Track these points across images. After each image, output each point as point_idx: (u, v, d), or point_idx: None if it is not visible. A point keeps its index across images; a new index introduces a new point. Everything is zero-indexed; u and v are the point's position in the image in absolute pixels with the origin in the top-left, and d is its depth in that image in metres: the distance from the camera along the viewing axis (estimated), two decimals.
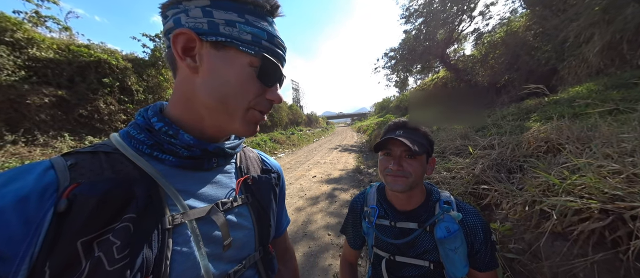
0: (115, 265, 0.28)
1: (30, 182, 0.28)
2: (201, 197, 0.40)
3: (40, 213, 0.27)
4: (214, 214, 0.39)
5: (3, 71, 4.38)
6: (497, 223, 1.65)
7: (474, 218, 0.66)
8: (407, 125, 0.66)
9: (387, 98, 34.24)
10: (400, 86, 16.03)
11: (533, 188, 1.50)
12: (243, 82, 0.36)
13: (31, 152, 4.40)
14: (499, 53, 8.61)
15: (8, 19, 4.77)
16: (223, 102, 0.37)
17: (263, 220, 0.47)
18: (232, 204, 0.42)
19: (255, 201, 0.47)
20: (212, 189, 0.42)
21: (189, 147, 0.38)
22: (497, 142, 2.55)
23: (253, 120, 0.40)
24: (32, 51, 4.89)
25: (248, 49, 0.36)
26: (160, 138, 0.37)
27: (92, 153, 0.34)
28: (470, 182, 2.14)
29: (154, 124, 0.37)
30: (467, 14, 10.35)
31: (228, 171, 0.46)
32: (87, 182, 0.30)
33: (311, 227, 2.85)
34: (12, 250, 0.25)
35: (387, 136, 0.65)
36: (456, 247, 0.61)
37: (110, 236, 0.28)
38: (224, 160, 0.45)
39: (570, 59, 5.45)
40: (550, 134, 2.07)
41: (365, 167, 6.03)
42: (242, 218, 0.44)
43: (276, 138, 11.77)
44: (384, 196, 0.76)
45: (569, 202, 1.16)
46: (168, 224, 0.34)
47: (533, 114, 3.83)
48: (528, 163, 1.92)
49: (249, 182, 0.47)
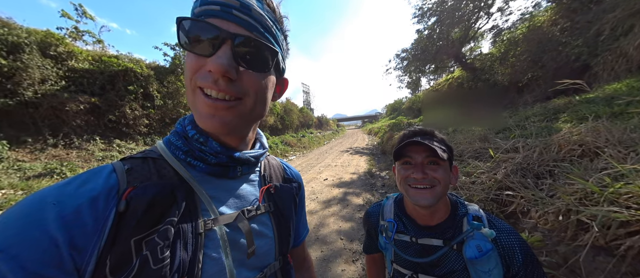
0: (158, 265, 0.29)
1: (100, 184, 0.31)
2: (229, 204, 0.40)
3: (106, 211, 0.30)
4: (240, 221, 0.39)
5: (48, 81, 4.90)
6: (524, 233, 1.52)
7: (510, 237, 0.58)
8: (425, 132, 0.63)
9: (398, 99, 33.51)
10: (413, 87, 15.64)
11: (567, 196, 1.37)
12: (186, 63, 0.34)
13: (68, 154, 4.82)
14: (520, 50, 8.11)
15: (53, 35, 5.36)
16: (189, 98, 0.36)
17: (283, 229, 0.47)
18: (256, 212, 0.43)
19: (276, 210, 0.46)
20: (238, 197, 0.42)
21: (216, 154, 0.39)
22: (522, 144, 2.37)
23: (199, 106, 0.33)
24: (71, 63, 5.43)
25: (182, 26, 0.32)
26: (193, 145, 0.39)
27: (143, 159, 0.37)
28: (492, 187, 2.01)
29: (188, 132, 0.39)
30: (484, 11, 9.90)
31: (252, 180, 0.47)
32: (140, 186, 0.32)
33: (323, 231, 2.81)
34: (86, 243, 0.28)
35: (407, 141, 0.61)
36: (490, 269, 0.54)
37: (156, 237, 0.30)
38: (248, 168, 0.45)
39: (606, 54, 4.98)
40: (585, 136, 1.89)
41: (377, 170, 5.90)
42: (264, 227, 0.44)
43: (287, 140, 11.91)
44: (402, 209, 0.69)
45: (614, 213, 1.04)
46: (201, 229, 0.35)
47: (562, 114, 3.53)
48: (559, 168, 1.76)
49: (272, 191, 0.47)
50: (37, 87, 4.71)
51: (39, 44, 5.00)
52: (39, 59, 4.84)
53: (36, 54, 4.83)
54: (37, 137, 4.70)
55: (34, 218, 0.26)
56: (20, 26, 4.95)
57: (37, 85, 4.72)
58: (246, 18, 0.33)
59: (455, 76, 12.85)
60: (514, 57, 8.32)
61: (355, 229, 2.82)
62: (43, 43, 5.11)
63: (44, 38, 5.14)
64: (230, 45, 0.32)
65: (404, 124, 11.98)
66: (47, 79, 4.90)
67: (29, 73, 4.58)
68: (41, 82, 4.80)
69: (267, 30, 0.35)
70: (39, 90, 4.72)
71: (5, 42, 4.47)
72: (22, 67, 4.50)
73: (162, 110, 7.01)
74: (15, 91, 4.46)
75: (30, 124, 4.68)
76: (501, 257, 0.56)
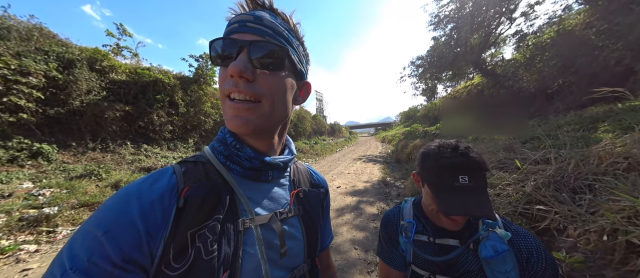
0: (208, 256, 0.33)
1: (165, 183, 0.36)
2: (263, 206, 0.43)
3: (170, 206, 0.35)
4: (274, 222, 0.42)
5: (92, 92, 5.53)
6: (562, 252, 1.38)
7: (527, 240, 0.57)
8: (470, 167, 0.53)
9: (413, 107, 32.59)
10: (429, 94, 15.19)
11: (612, 214, 1.23)
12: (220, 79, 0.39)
13: (104, 157, 5.31)
14: (548, 55, 7.59)
15: (99, 52, 6.11)
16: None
17: (312, 232, 0.48)
18: (287, 215, 0.45)
19: (305, 213, 0.48)
20: (271, 199, 0.45)
21: (250, 159, 0.42)
22: (554, 156, 2.18)
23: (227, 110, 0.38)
24: (112, 75, 6.09)
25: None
26: (231, 150, 0.42)
27: (195, 163, 0.41)
28: (520, 200, 1.86)
29: (227, 139, 0.43)
30: (505, 16, 9.49)
31: (283, 184, 0.49)
32: (194, 186, 0.37)
33: (337, 240, 2.76)
34: (157, 232, 0.32)
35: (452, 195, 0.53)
36: (507, 270, 0.54)
37: (206, 231, 0.34)
38: (279, 173, 0.48)
39: None
40: (631, 148, 1.71)
41: (392, 179, 5.72)
42: (294, 229, 0.46)
43: (300, 147, 12.03)
44: (421, 211, 0.71)
45: None
46: (241, 227, 0.38)
47: (602, 124, 3.22)
48: (601, 182, 1.59)
49: (301, 195, 0.49)
50: (83, 97, 5.31)
51: (88, 59, 5.70)
52: (87, 73, 5.49)
53: (85, 68, 5.50)
54: (80, 141, 5.25)
55: (125, 209, 0.32)
56: (75, 45, 5.71)
57: (84, 95, 5.33)
58: (258, 26, 0.37)
59: (474, 83, 12.30)
60: (541, 62, 7.79)
61: (369, 239, 2.73)
62: (91, 59, 5.81)
63: (92, 54, 5.85)
64: (247, 51, 0.36)
65: (420, 131, 11.58)
66: (92, 89, 5.52)
67: (78, 85, 5.20)
68: (87, 93, 5.42)
69: (279, 34, 0.38)
70: (84, 100, 5.32)
71: (63, 59, 5.17)
72: (73, 80, 5.13)
73: (185, 117, 7.50)
74: (66, 101, 5.08)
75: (75, 130, 5.25)
76: (518, 260, 0.55)
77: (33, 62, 4.63)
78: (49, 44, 5.21)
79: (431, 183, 0.59)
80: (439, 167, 0.57)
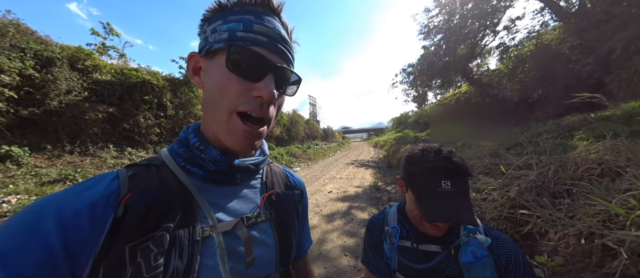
0: (151, 273, 0.29)
1: (101, 189, 0.32)
2: (228, 211, 0.40)
3: (104, 216, 0.30)
4: (239, 229, 0.38)
5: (72, 92, 5.25)
6: (543, 256, 1.41)
7: (507, 246, 0.57)
8: (454, 172, 0.53)
9: (405, 113, 33.36)
10: (419, 101, 15.64)
11: (589, 218, 1.28)
12: (223, 82, 0.34)
13: (82, 161, 5.01)
14: (529, 67, 8.07)
15: (83, 51, 5.85)
16: (210, 109, 0.37)
17: (285, 238, 0.45)
18: (256, 220, 0.41)
19: (278, 218, 0.45)
20: (238, 204, 0.42)
21: (216, 161, 0.38)
22: (535, 161, 2.28)
23: (235, 127, 0.36)
24: (96, 75, 5.84)
25: (220, 45, 0.34)
26: (193, 153, 0.39)
27: (146, 166, 0.37)
28: (505, 205, 1.91)
29: (190, 139, 0.40)
30: (490, 29, 10.04)
31: (254, 186, 0.46)
32: (138, 191, 0.33)
33: (327, 247, 2.71)
34: (82, 247, 0.28)
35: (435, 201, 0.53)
36: (486, 276, 0.54)
37: (150, 243, 0.30)
38: (249, 175, 0.44)
39: (620, 72, 4.88)
40: (604, 155, 1.80)
41: (383, 184, 5.76)
42: (265, 235, 0.42)
43: (292, 152, 11.93)
44: (405, 216, 0.71)
45: None
46: (198, 236, 0.34)
47: (577, 132, 3.41)
48: (578, 187, 1.67)
49: (273, 198, 0.46)
50: (62, 97, 5.03)
51: (69, 58, 5.44)
52: (68, 72, 5.23)
53: (66, 67, 5.24)
54: (56, 144, 4.93)
55: (32, 223, 0.27)
56: (55, 43, 5.43)
57: (63, 95, 5.06)
58: (284, 50, 0.37)
59: (462, 91, 12.79)
60: (523, 73, 8.26)
61: (360, 245, 2.70)
62: (73, 57, 5.55)
63: (74, 53, 5.60)
64: (273, 74, 0.36)
65: (411, 137, 11.82)
66: (72, 89, 5.25)
67: (57, 84, 4.93)
68: (67, 93, 5.15)
69: (293, 59, 0.41)
70: (63, 100, 5.04)
71: (41, 56, 4.89)
72: (52, 79, 4.86)
73: (174, 120, 7.27)
74: (43, 101, 4.78)
75: (51, 131, 4.94)
76: (497, 265, 0.55)
77: (7, 60, 4.36)
78: (27, 40, 4.94)
79: (414, 187, 0.59)
80: (422, 171, 0.57)
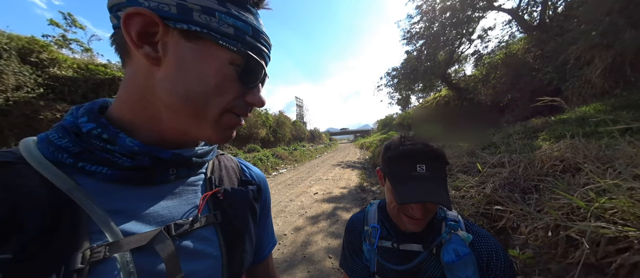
0: None
1: None
2: (146, 219, 0.30)
3: None
4: (159, 242, 0.29)
5: (23, 88, 4.62)
6: (516, 249, 1.48)
7: (488, 241, 0.57)
8: (429, 155, 0.53)
9: (389, 115, 34.48)
10: (403, 104, 16.22)
11: (554, 211, 1.37)
12: (221, 81, 0.31)
13: None
14: (500, 74, 8.75)
15: (37, 42, 5.19)
16: (192, 103, 0.30)
17: (235, 245, 0.37)
18: (192, 226, 0.33)
19: (226, 220, 0.37)
20: (166, 207, 0.32)
21: (133, 154, 0.29)
22: (508, 160, 2.43)
23: (229, 124, 0.34)
24: (53, 70, 5.21)
25: (229, 44, 0.30)
26: (90, 144, 0.28)
27: None
28: (482, 202, 2.00)
29: (81, 126, 0.29)
30: (466, 38, 10.75)
31: (193, 184, 0.37)
32: None
33: (311, 249, 2.64)
34: None
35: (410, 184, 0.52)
36: (468, 275, 0.52)
37: None
38: (187, 170, 0.36)
39: (573, 80, 5.48)
40: (565, 153, 1.96)
41: (368, 184, 5.83)
42: (205, 244, 0.34)
43: (279, 153, 11.70)
44: (386, 215, 0.68)
45: (602, 229, 1.02)
46: (80, 263, 0.24)
47: (541, 133, 3.73)
48: (544, 183, 1.79)
49: (220, 197, 0.38)
50: (10, 94, 4.42)
51: (20, 50, 4.80)
52: (17, 65, 4.61)
53: (14, 59, 4.61)
54: (1, 146, 4.33)
55: None
56: (3, 32, 4.77)
57: (11, 91, 4.44)
58: (269, 59, 0.37)
59: (442, 95, 13.51)
60: (495, 79, 8.94)
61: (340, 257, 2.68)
62: (25, 49, 4.91)
63: (26, 44, 4.95)
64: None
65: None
66: (23, 85, 4.63)
67: (2, 79, 4.32)
68: (16, 89, 4.53)
69: None
70: (11, 97, 4.43)
71: None
72: None
73: None
74: None
75: None
76: (478, 262, 0.54)
77: None
78: None
79: (391, 173, 0.57)
80: (398, 155, 0.56)
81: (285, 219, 3.59)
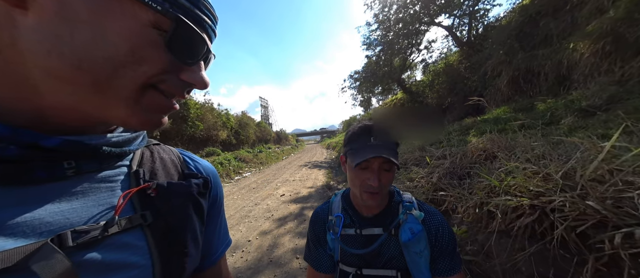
0: None
1: None
2: (18, 230, 0.22)
3: None
4: (39, 259, 0.21)
5: None
6: (454, 227, 1.76)
7: (436, 217, 0.65)
8: (380, 130, 0.61)
9: (353, 116, 36.48)
10: (365, 105, 17.38)
11: (480, 192, 1.68)
12: (138, 46, 0.24)
13: None
14: (441, 80, 10.32)
15: None
16: (89, 71, 0.22)
17: (173, 248, 0.31)
18: (106, 231, 0.26)
19: (160, 221, 0.31)
20: (58, 212, 0.25)
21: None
22: (448, 152, 2.87)
23: (155, 105, 0.27)
24: None
25: (152, 1, 0.23)
26: None
27: None
28: (430, 189, 2.30)
29: None
30: (415, 47, 12.26)
31: (108, 180, 0.30)
32: None
33: (278, 252, 2.57)
34: None
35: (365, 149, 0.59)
36: (420, 250, 0.59)
37: None
38: (97, 163, 0.29)
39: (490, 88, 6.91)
40: (486, 145, 2.44)
41: (335, 182, 6.03)
42: (126, 252, 0.27)
43: (242, 156, 10.98)
44: (349, 203, 0.71)
45: (508, 201, 1.31)
46: None
47: (471, 130, 4.55)
48: (474, 169, 2.18)
49: (151, 193, 0.31)
50: None
51: None
52: None
53: None
54: None
55: None
56: None
57: None
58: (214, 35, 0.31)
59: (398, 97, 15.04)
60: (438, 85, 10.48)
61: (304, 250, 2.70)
62: None
63: None
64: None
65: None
66: None
67: None
68: None
69: None
70: None
71: None
72: None
73: None
74: None
75: None
76: (428, 236, 0.62)
77: None
78: None
79: (351, 149, 0.62)
80: (356, 131, 0.63)
81: (249, 225, 3.39)
